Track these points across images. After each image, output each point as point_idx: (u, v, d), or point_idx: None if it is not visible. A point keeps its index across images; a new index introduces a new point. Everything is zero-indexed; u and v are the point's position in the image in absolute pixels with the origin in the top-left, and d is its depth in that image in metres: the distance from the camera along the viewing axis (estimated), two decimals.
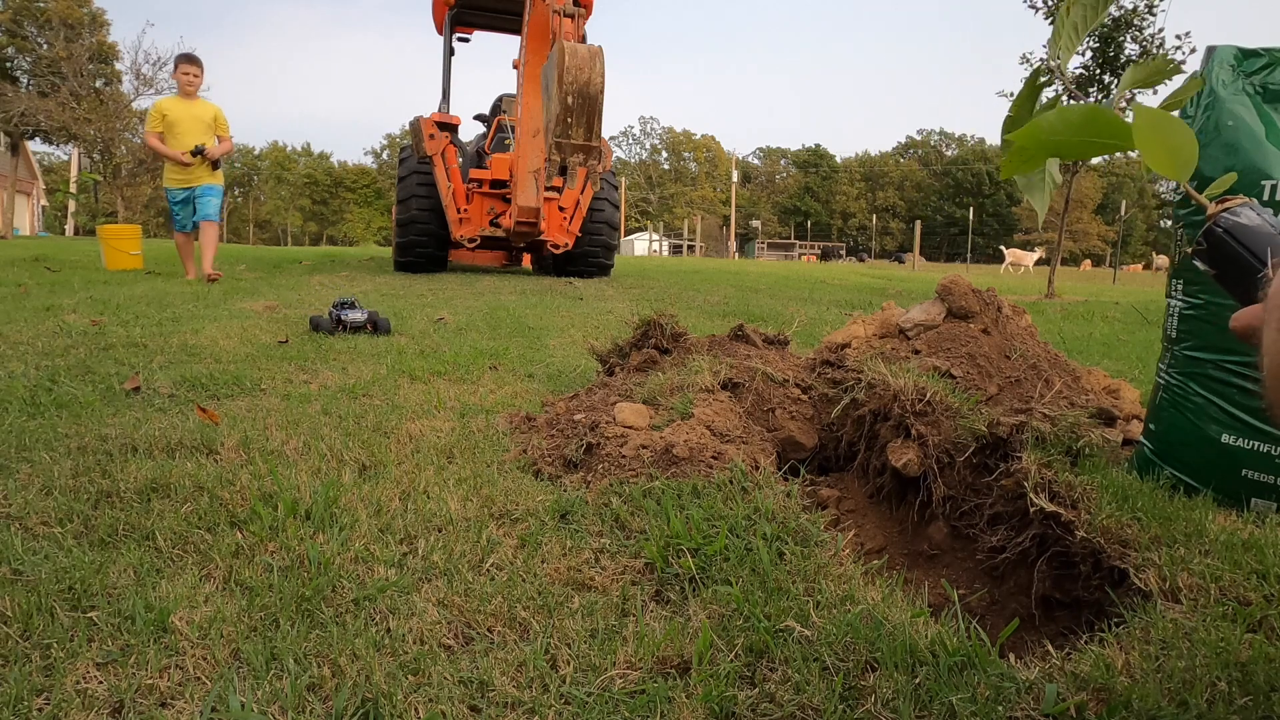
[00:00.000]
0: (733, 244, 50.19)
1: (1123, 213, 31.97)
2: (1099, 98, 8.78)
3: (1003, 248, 34.40)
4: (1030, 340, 2.10)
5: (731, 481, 1.45)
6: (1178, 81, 0.89)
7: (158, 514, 1.34)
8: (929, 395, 1.69)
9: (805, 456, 1.89)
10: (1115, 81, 8.67)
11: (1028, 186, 0.90)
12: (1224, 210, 0.74)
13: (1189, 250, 0.76)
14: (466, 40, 9.60)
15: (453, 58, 8.86)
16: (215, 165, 6.47)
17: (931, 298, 2.14)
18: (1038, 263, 28.94)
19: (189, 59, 6.51)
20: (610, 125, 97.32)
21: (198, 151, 6.34)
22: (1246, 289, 0.72)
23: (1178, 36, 8.52)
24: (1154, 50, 8.47)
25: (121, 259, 7.92)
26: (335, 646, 0.96)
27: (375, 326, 3.53)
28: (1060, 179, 0.90)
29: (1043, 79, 0.89)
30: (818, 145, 79.52)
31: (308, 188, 67.72)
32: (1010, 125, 0.89)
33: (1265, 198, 1.39)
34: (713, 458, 1.55)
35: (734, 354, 2.17)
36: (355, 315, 3.46)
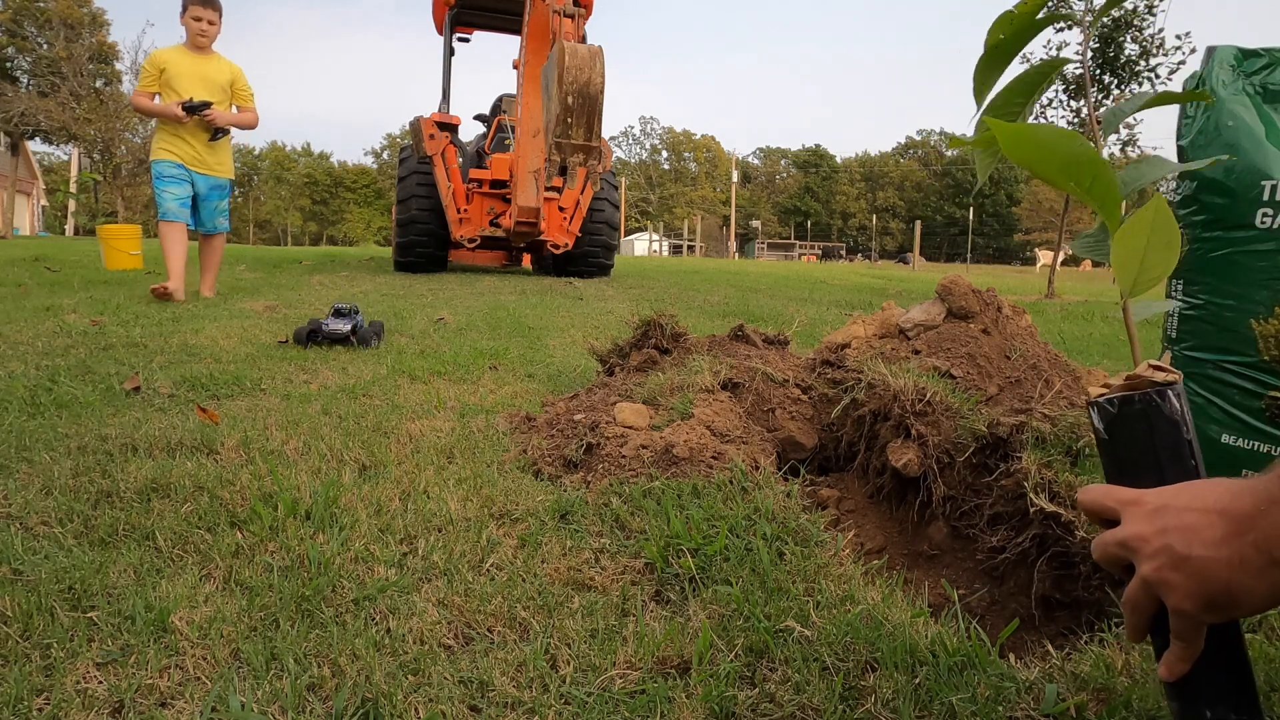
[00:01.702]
0: (733, 244, 50.19)
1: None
2: (1099, 98, 8.78)
3: (1037, 250, 35.44)
4: (1030, 340, 2.09)
5: (731, 481, 1.45)
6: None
7: (158, 514, 1.34)
8: (929, 395, 1.69)
9: (805, 456, 1.89)
10: (1115, 82, 8.68)
11: (979, 159, 0.88)
12: (1156, 386, 0.65)
13: (1090, 398, 0.69)
14: (466, 40, 9.60)
15: (453, 58, 8.87)
16: (215, 135, 4.85)
17: (931, 298, 2.14)
18: (1064, 262, 29.51)
19: (204, 1, 4.83)
20: (610, 125, 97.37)
21: (193, 108, 4.68)
22: (1124, 475, 0.66)
23: (1178, 36, 8.53)
24: (1154, 50, 8.48)
25: (121, 259, 7.92)
26: (335, 646, 0.96)
27: (356, 337, 3.15)
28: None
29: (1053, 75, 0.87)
30: (818, 145, 79.58)
31: (308, 188, 67.72)
32: (996, 107, 0.86)
33: (1265, 198, 1.39)
34: (713, 458, 1.55)
35: (734, 354, 2.17)
36: (336, 326, 3.12)
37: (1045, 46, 8.90)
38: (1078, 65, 8.75)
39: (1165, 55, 8.44)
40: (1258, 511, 0.54)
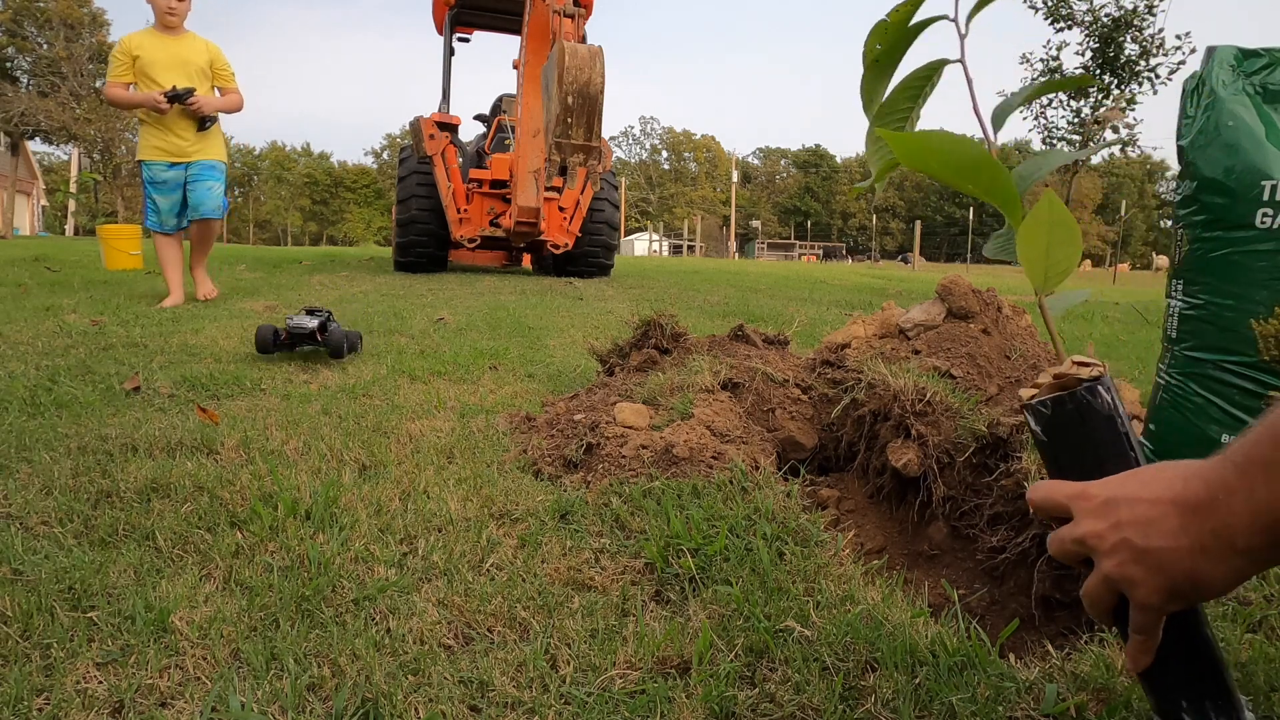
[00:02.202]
0: (733, 244, 50.19)
1: (1123, 213, 31.99)
2: (1099, 98, 8.79)
3: None
4: (1030, 340, 2.09)
5: (731, 481, 1.45)
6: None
7: (158, 514, 1.34)
8: (929, 395, 1.69)
9: (805, 456, 1.89)
10: (1115, 82, 8.68)
11: (872, 155, 0.85)
12: (1084, 383, 0.65)
13: (1023, 401, 0.69)
14: (466, 40, 9.60)
15: (453, 58, 8.87)
16: (204, 124, 4.43)
17: (931, 298, 2.14)
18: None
19: None
20: (610, 125, 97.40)
21: (176, 97, 4.26)
22: (1066, 475, 0.66)
23: (1178, 36, 8.53)
24: (1154, 50, 8.48)
25: (121, 259, 7.92)
26: (335, 646, 0.96)
27: (324, 336, 2.72)
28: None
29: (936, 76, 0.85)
30: (818, 145, 79.59)
31: (308, 188, 67.72)
32: (884, 114, 0.84)
33: (1265, 198, 1.39)
34: (713, 458, 1.55)
35: (734, 354, 2.17)
36: (300, 320, 2.70)
37: (1045, 47, 8.89)
38: (1079, 66, 8.76)
39: (1165, 55, 8.44)
40: (1213, 499, 0.54)
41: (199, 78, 4.41)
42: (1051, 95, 9.08)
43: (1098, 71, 8.76)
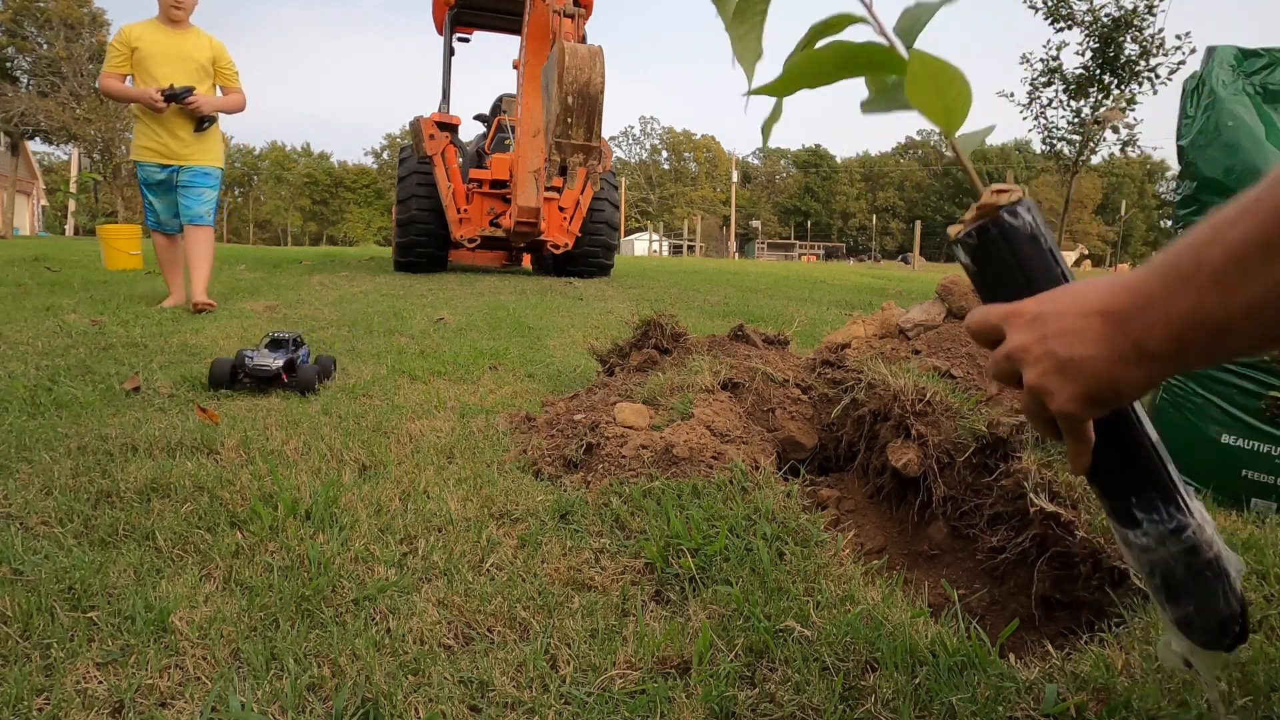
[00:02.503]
0: (733, 244, 50.19)
1: (1123, 213, 31.98)
2: (1099, 98, 8.79)
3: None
4: None
5: (731, 481, 1.45)
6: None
7: (158, 514, 1.34)
8: (929, 395, 1.69)
9: (805, 456, 1.89)
10: (1115, 81, 8.68)
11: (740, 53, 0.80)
12: (1003, 207, 0.66)
13: (952, 238, 0.70)
14: (466, 40, 9.60)
15: (453, 58, 8.87)
16: (201, 124, 4.17)
17: (931, 298, 2.14)
18: (1075, 261, 30.14)
19: None
20: (610, 125, 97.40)
21: (174, 96, 4.02)
22: (998, 299, 0.67)
23: (1178, 36, 8.53)
24: (1154, 50, 8.48)
25: (121, 259, 7.93)
26: (335, 646, 0.96)
27: (292, 376, 2.32)
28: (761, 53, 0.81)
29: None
30: (818, 145, 79.58)
31: (308, 188, 67.74)
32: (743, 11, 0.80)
33: None
34: (713, 458, 1.55)
35: (734, 354, 2.17)
36: (263, 361, 2.28)
37: (1045, 47, 8.87)
38: (1079, 66, 8.74)
39: (1165, 55, 8.44)
40: (1135, 308, 0.56)
41: (199, 75, 4.19)
42: (1051, 95, 9.09)
43: (1098, 72, 8.75)
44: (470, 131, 9.89)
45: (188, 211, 4.23)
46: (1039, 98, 9.13)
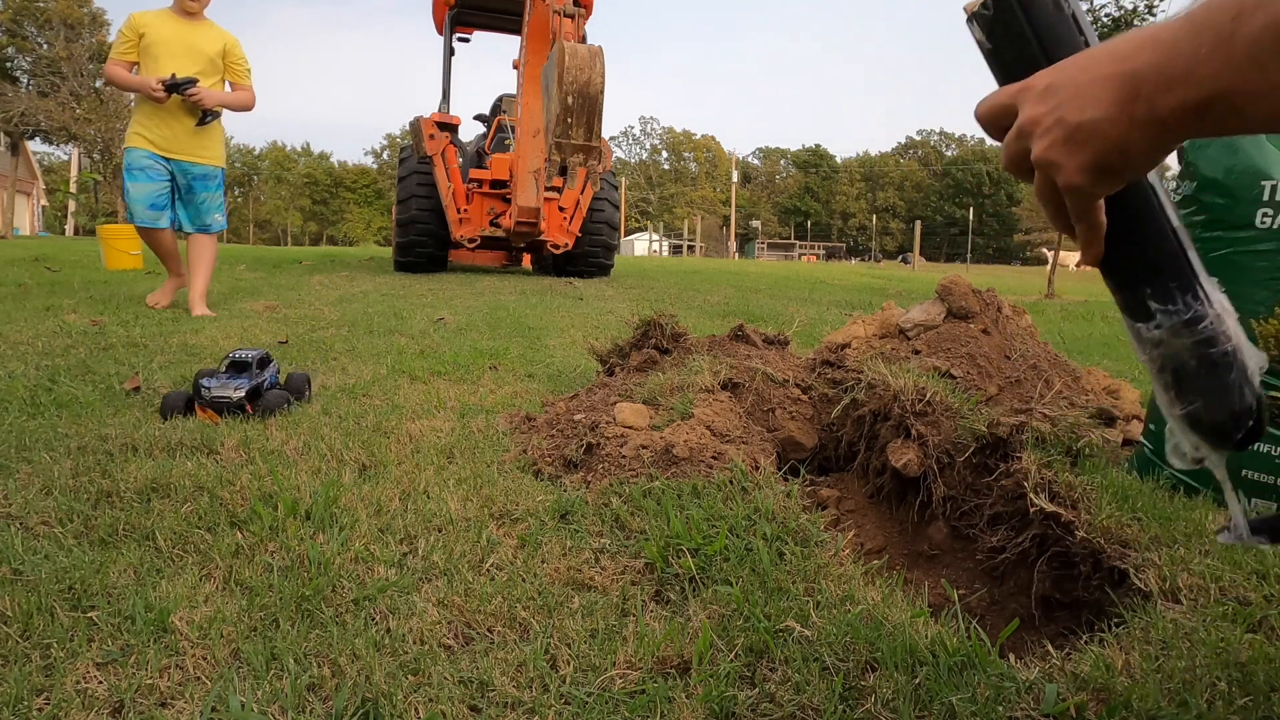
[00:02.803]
0: (733, 244, 50.19)
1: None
2: None
3: (1063, 250, 37.72)
4: (1030, 340, 2.10)
5: (731, 481, 1.45)
6: None
7: (158, 514, 1.34)
8: (929, 395, 1.69)
9: (805, 456, 1.89)
10: None
11: None
12: None
13: (967, 14, 0.64)
14: (466, 40, 9.60)
15: (453, 58, 8.87)
16: (204, 118, 4.06)
17: (931, 298, 2.14)
18: (1078, 264, 30.64)
19: None
20: (610, 125, 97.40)
21: (174, 86, 3.90)
22: (1016, 77, 0.61)
23: None
24: None
25: (121, 259, 7.93)
26: (335, 646, 0.96)
27: (256, 406, 2.05)
28: None
29: None
30: (818, 145, 79.60)
31: (308, 188, 67.76)
32: None
33: (1265, 198, 1.39)
34: (713, 458, 1.55)
35: (734, 354, 2.17)
36: (223, 391, 2.02)
37: None
38: None
39: None
40: (1157, 66, 0.52)
41: (208, 68, 4.06)
42: None
43: None
44: (470, 131, 9.90)
45: (196, 217, 4.19)
46: None
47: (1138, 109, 0.52)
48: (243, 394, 2.03)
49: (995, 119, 0.61)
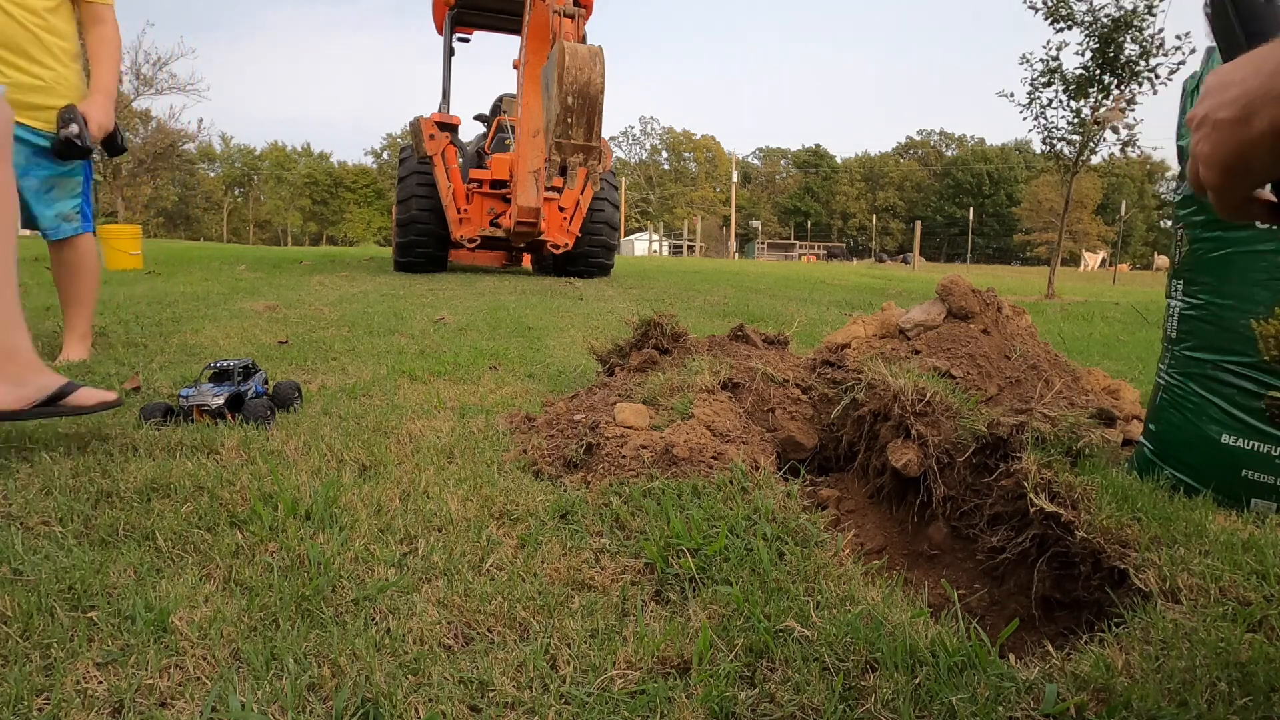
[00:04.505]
0: (733, 244, 50.18)
1: (1123, 213, 32.00)
2: (1098, 98, 8.78)
3: (1085, 251, 38.32)
4: (1030, 340, 2.10)
5: (731, 482, 1.45)
6: None
7: (158, 514, 1.34)
8: (929, 395, 1.69)
9: (805, 456, 1.89)
10: (1115, 81, 8.67)
11: None
12: None
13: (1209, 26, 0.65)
14: (466, 40, 9.61)
15: (453, 58, 8.87)
16: (116, 143, 2.71)
17: (931, 298, 2.14)
18: (1099, 264, 32.27)
19: None
20: (610, 125, 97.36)
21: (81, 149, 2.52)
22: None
23: (1178, 37, 8.51)
24: (1154, 50, 8.46)
25: (121, 259, 7.93)
26: (335, 646, 0.96)
27: (239, 414, 1.98)
28: None
29: None
30: (818, 145, 79.59)
31: (308, 188, 67.75)
32: None
33: None
34: (713, 458, 1.55)
35: (734, 354, 2.17)
36: (204, 399, 1.97)
37: (1045, 47, 8.86)
38: (1079, 66, 8.74)
39: (1165, 55, 8.42)
40: (1261, 86, 0.52)
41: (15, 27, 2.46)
42: (1051, 95, 9.07)
43: (1098, 72, 8.73)
44: (470, 131, 9.91)
45: (43, 217, 2.65)
46: (1039, 98, 9.13)
47: (1259, 125, 0.53)
48: (221, 401, 1.98)
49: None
